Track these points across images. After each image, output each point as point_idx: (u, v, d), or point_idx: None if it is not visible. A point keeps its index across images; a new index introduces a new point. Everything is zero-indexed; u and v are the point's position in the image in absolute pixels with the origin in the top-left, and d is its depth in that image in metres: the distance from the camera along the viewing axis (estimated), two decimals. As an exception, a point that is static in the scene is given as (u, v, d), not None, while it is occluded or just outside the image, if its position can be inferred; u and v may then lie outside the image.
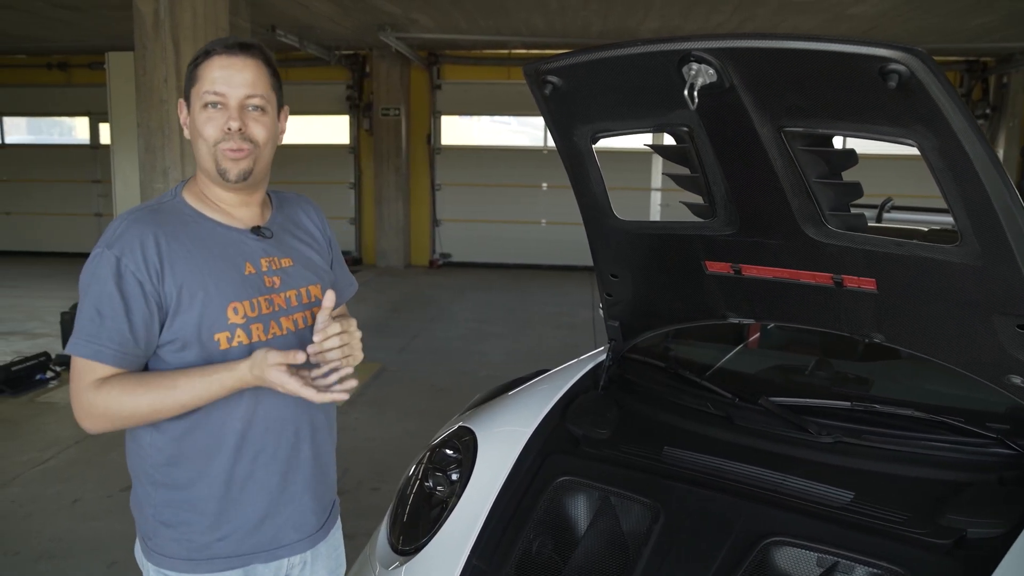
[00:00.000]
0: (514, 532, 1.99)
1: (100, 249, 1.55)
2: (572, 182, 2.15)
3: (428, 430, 5.17)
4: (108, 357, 1.52)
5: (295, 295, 1.71)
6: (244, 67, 1.59)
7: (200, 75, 1.59)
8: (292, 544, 1.74)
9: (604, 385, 2.51)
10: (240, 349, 1.60)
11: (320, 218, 1.90)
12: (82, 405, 1.54)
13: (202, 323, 1.57)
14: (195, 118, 1.61)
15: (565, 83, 1.85)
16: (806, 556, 1.79)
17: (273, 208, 1.79)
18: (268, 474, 1.68)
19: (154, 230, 1.56)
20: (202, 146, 1.61)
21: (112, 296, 1.52)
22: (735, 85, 1.59)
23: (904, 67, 1.37)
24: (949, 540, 1.72)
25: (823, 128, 1.63)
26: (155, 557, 1.68)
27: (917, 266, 1.79)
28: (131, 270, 1.52)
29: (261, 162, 1.65)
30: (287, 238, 1.77)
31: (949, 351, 1.94)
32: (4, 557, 3.62)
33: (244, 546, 1.68)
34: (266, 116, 1.63)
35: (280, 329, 1.66)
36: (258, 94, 1.60)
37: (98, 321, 1.52)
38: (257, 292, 1.64)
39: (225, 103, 1.58)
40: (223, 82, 1.58)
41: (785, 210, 1.83)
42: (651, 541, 1.85)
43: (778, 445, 2.10)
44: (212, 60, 1.59)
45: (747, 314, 2.28)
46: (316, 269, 1.79)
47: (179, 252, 1.57)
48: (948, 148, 1.47)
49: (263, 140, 1.63)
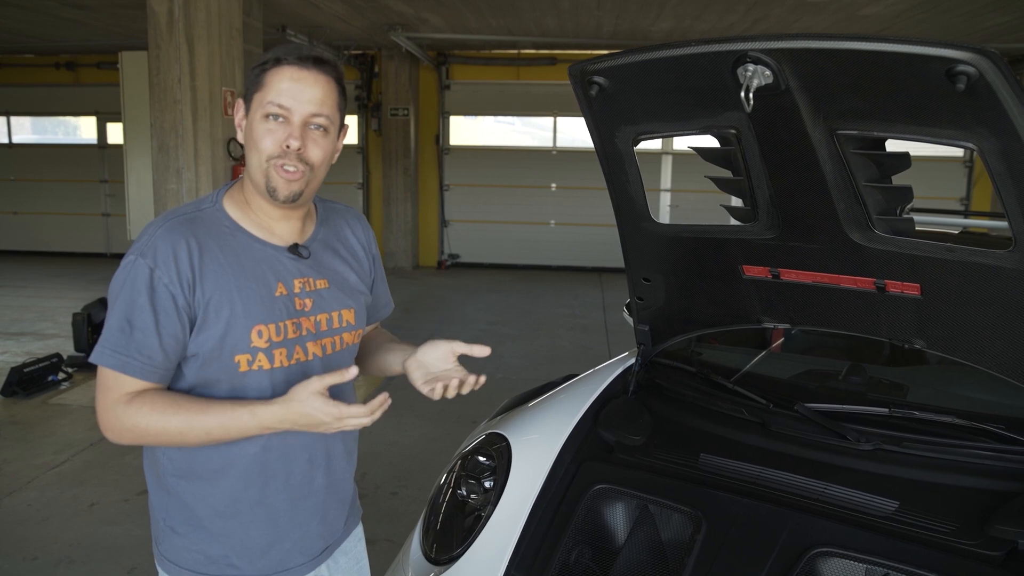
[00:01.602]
0: (552, 541, 1.96)
1: (133, 257, 1.49)
2: (609, 184, 2.11)
3: (445, 433, 5.18)
4: (135, 370, 1.47)
5: (326, 319, 1.65)
6: (315, 83, 1.51)
7: (267, 82, 1.51)
8: (297, 567, 1.71)
9: (634, 390, 2.48)
10: (259, 374, 1.55)
11: (367, 234, 1.83)
12: (110, 418, 1.50)
13: (224, 342, 1.51)
14: (254, 126, 1.53)
15: (612, 84, 1.81)
16: (854, 568, 1.75)
17: (317, 221, 1.72)
18: (277, 500, 1.64)
19: (188, 241, 1.50)
20: (255, 157, 1.53)
21: (143, 308, 1.46)
22: (791, 87, 1.56)
23: (974, 68, 1.33)
24: (1001, 552, 1.68)
25: (879, 131, 1.59)
26: (165, 563, 1.65)
27: (965, 271, 1.75)
28: (164, 283, 1.47)
29: (313, 183, 1.58)
30: (327, 256, 1.70)
31: (994, 357, 1.91)
32: (23, 563, 3.60)
33: (253, 568, 1.65)
34: (327, 137, 1.55)
35: (306, 355, 1.61)
36: (324, 113, 1.53)
37: (128, 332, 1.47)
38: (285, 315, 1.58)
39: (289, 118, 1.51)
40: (290, 95, 1.50)
41: (830, 214, 1.80)
42: (695, 551, 1.82)
43: (817, 452, 2.06)
44: (282, 69, 1.50)
45: (783, 319, 2.25)
46: (352, 292, 1.73)
47: (211, 266, 1.51)
48: (1011, 151, 1.44)
49: (319, 163, 1.55)
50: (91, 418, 5.49)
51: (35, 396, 6.00)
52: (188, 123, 5.66)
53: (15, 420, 5.50)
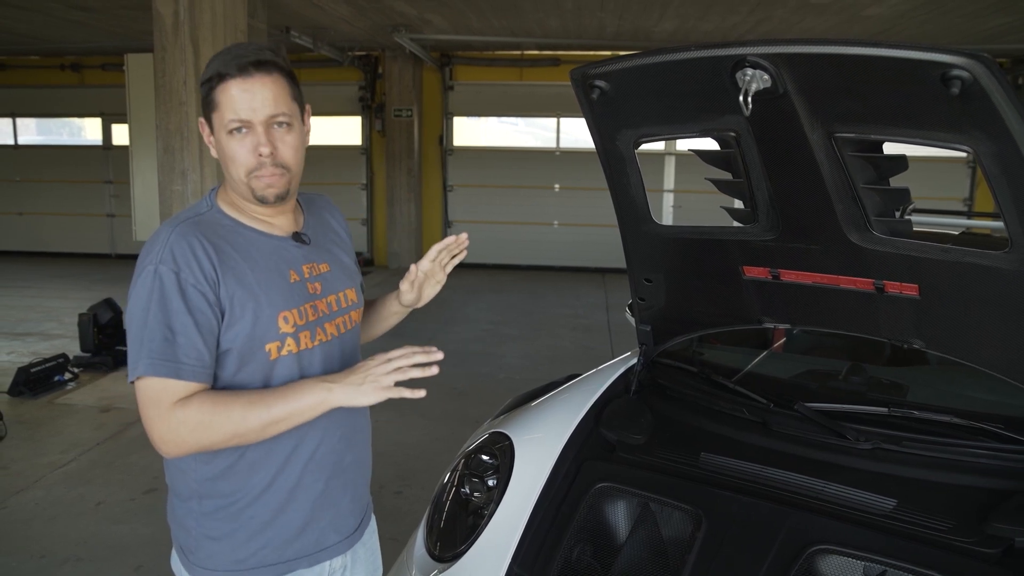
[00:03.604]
0: (554, 540, 1.98)
1: (153, 267, 1.51)
2: (611, 186, 2.14)
3: (449, 433, 5.20)
4: (188, 373, 1.48)
5: (335, 300, 1.73)
6: (263, 86, 1.54)
7: (218, 100, 1.55)
8: (333, 546, 1.75)
9: (636, 390, 2.50)
10: (289, 358, 1.60)
11: (341, 217, 1.92)
12: (168, 427, 1.48)
13: (254, 333, 1.56)
14: (222, 143, 1.58)
15: (613, 87, 1.84)
16: (852, 565, 1.77)
17: (304, 212, 1.79)
18: (314, 480, 1.68)
19: (202, 241, 1.54)
20: (234, 171, 1.59)
21: (180, 312, 1.49)
22: (789, 91, 1.58)
23: (968, 73, 1.35)
24: (997, 549, 1.70)
25: (875, 134, 1.61)
26: (198, 571, 1.67)
27: (963, 272, 1.77)
28: (192, 284, 1.50)
29: (296, 178, 1.65)
30: (322, 241, 1.78)
31: (991, 357, 1.93)
32: (31, 561, 3.63)
33: (288, 552, 1.67)
34: (292, 131, 1.60)
35: (325, 335, 1.68)
36: (281, 111, 1.57)
37: (171, 339, 1.48)
38: (303, 299, 1.64)
39: (251, 126, 1.55)
40: (244, 107, 1.53)
41: (829, 215, 1.82)
42: (695, 548, 1.84)
43: (816, 451, 2.08)
44: (228, 85, 1.53)
45: (783, 319, 2.27)
46: (349, 272, 1.81)
47: (228, 262, 1.56)
48: (1006, 154, 1.46)
49: (293, 161, 1.61)
50: (97, 417, 5.54)
51: (41, 396, 6.04)
52: (193, 125, 5.69)
53: (22, 420, 5.53)
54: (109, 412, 5.65)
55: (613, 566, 1.95)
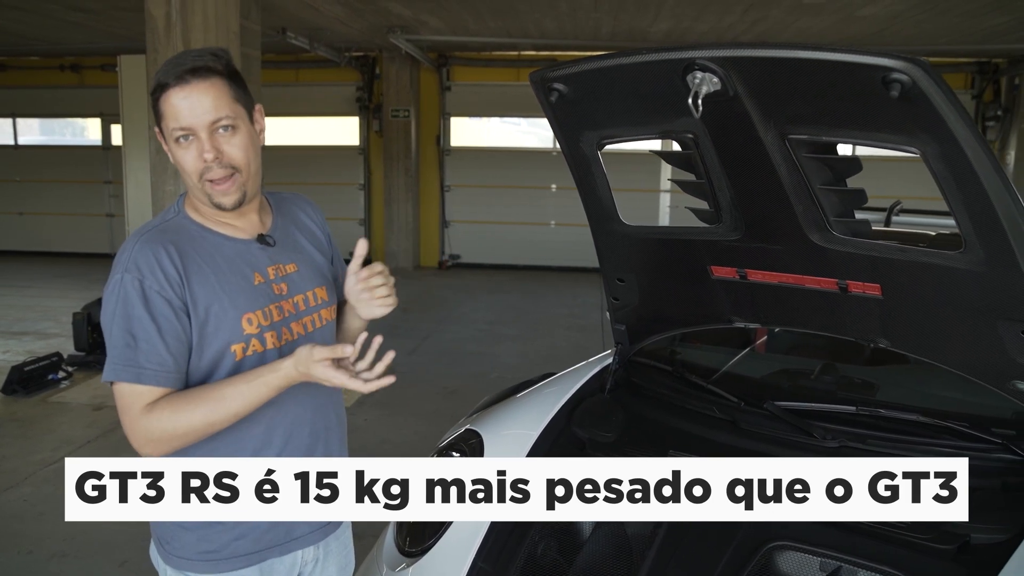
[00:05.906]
0: (519, 535, 2.01)
1: (119, 275, 1.56)
2: (579, 187, 2.16)
3: (438, 432, 5.16)
4: (149, 377, 1.54)
5: (303, 299, 1.75)
6: (202, 92, 1.56)
7: (163, 111, 1.58)
8: (305, 536, 1.78)
9: (611, 389, 2.53)
10: (254, 358, 1.63)
11: (319, 215, 1.93)
12: (140, 433, 1.55)
13: (219, 335, 1.60)
14: (173, 152, 1.61)
15: (571, 90, 1.86)
16: (809, 561, 1.80)
17: (273, 212, 1.81)
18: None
19: (166, 247, 1.58)
20: (187, 179, 1.62)
21: (142, 319, 1.53)
22: (739, 93, 1.60)
23: (906, 76, 1.38)
24: (952, 546, 1.72)
25: (827, 136, 1.64)
26: (173, 560, 1.71)
27: (921, 272, 1.79)
28: (155, 290, 1.54)
29: (251, 182, 1.66)
30: (291, 241, 1.80)
31: (954, 356, 1.95)
32: (18, 556, 3.66)
33: (261, 542, 1.72)
34: (238, 133, 1.61)
35: (291, 335, 1.70)
36: (222, 115, 1.58)
37: (133, 345, 1.53)
38: (268, 300, 1.67)
39: (194, 133, 1.57)
40: (186, 114, 1.56)
41: (790, 216, 1.84)
42: (655, 544, 1.86)
43: (784, 449, 2.10)
44: (168, 95, 1.56)
45: (752, 319, 2.29)
46: (320, 270, 1.84)
47: (192, 267, 1.59)
48: (950, 155, 1.48)
49: (243, 161, 1.62)
50: (89, 416, 5.58)
51: (35, 394, 6.07)
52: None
53: (15, 418, 5.58)
54: (101, 410, 5.68)
55: (576, 560, 1.98)
